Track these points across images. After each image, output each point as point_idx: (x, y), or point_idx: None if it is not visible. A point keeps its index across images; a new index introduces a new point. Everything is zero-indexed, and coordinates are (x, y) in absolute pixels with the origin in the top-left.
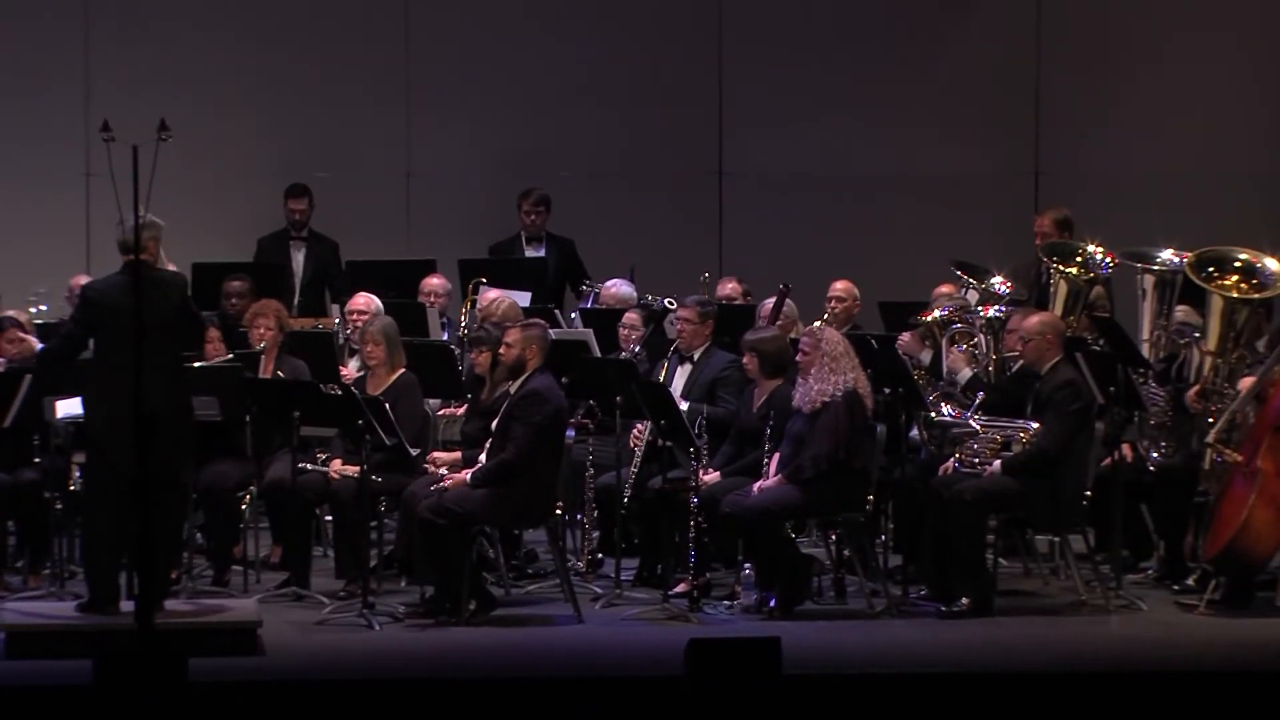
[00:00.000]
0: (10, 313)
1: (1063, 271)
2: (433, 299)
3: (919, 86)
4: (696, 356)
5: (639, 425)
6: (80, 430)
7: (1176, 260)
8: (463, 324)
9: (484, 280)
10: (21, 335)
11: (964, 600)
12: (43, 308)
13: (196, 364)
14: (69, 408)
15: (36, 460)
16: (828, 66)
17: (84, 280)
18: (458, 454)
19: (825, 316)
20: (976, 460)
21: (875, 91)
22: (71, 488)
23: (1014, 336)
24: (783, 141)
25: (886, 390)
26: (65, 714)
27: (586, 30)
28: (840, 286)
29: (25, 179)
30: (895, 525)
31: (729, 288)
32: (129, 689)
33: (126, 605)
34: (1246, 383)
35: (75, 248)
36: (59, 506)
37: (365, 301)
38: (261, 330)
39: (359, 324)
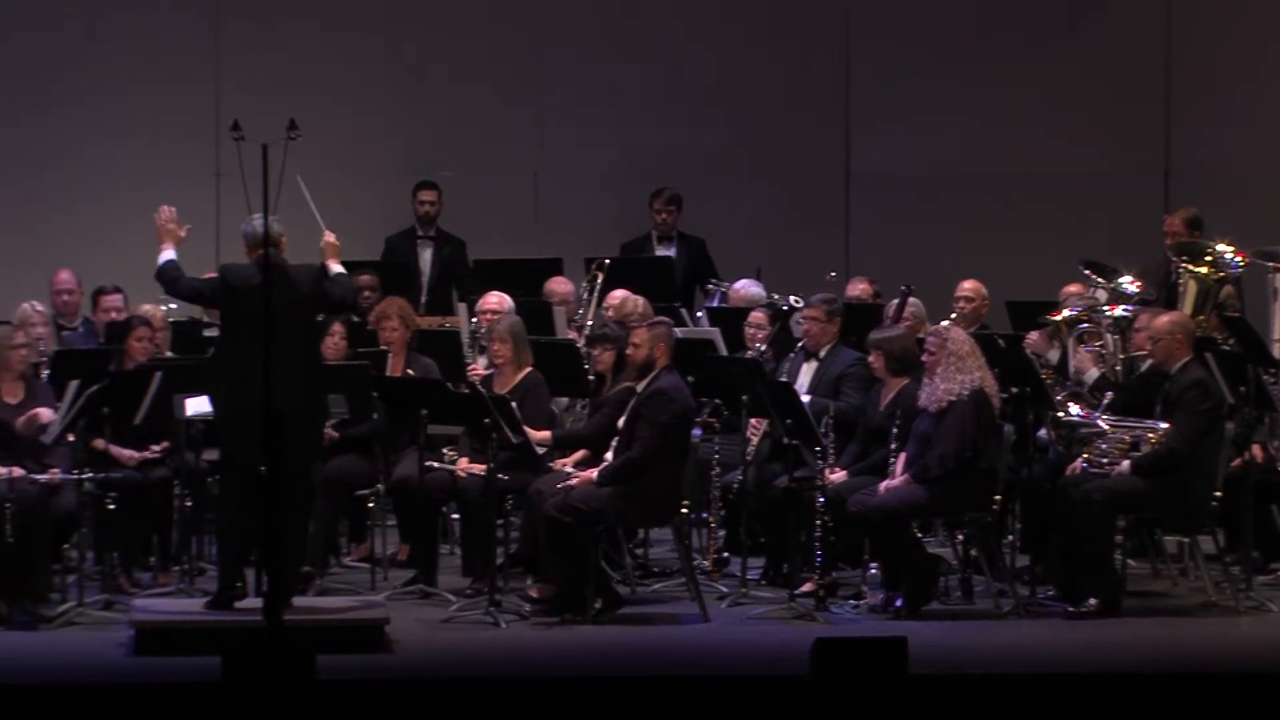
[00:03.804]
0: (145, 308)
1: (1192, 271)
2: (558, 301)
3: (1047, 85)
4: (823, 354)
5: (756, 419)
6: (210, 427)
7: None
8: (587, 321)
9: (606, 262)
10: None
11: (1092, 601)
12: (172, 306)
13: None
14: (198, 405)
15: (167, 457)
16: (955, 65)
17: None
18: (584, 451)
19: (953, 316)
20: (1105, 460)
21: (1004, 90)
22: (210, 482)
23: (1143, 336)
24: (910, 141)
25: (1014, 390)
26: (194, 711)
27: (714, 29)
28: (968, 286)
29: (156, 178)
30: (1023, 525)
31: (859, 288)
32: (257, 686)
33: (254, 602)
34: None
35: (205, 246)
36: (189, 504)
37: (498, 300)
38: (388, 330)
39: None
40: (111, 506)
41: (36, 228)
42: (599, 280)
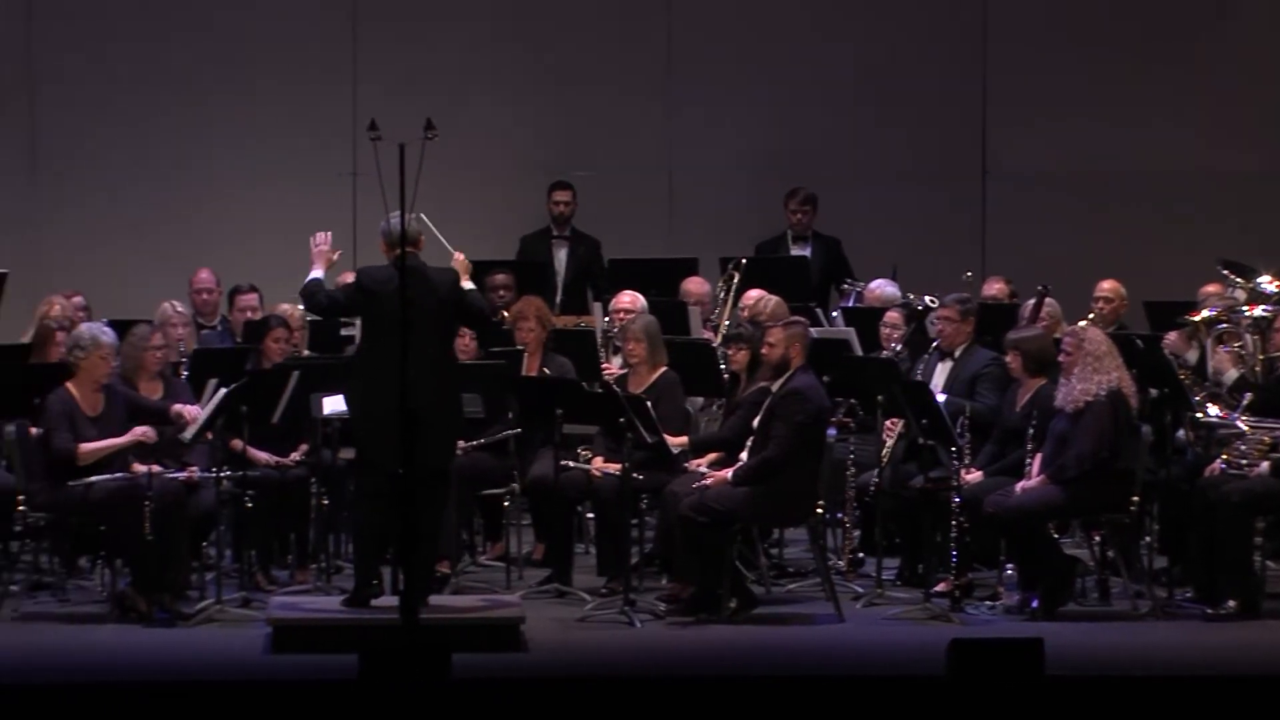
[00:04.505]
0: (282, 308)
1: None
2: (693, 301)
3: (1186, 84)
4: (958, 354)
5: (892, 419)
6: (347, 425)
7: None
8: (724, 320)
9: (742, 262)
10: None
11: (1231, 602)
12: None
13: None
14: (335, 404)
15: (304, 457)
16: (1093, 65)
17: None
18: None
19: (1091, 316)
20: (1244, 461)
21: (1141, 90)
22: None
23: None
24: (1047, 140)
25: (1153, 390)
26: (330, 708)
27: (850, 29)
28: (1107, 286)
29: (293, 178)
30: (1160, 526)
31: (995, 288)
32: (393, 684)
33: (391, 600)
34: None
35: (342, 246)
36: (326, 503)
37: (631, 300)
38: (525, 330)
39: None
40: (249, 505)
41: (175, 227)
42: (734, 280)
